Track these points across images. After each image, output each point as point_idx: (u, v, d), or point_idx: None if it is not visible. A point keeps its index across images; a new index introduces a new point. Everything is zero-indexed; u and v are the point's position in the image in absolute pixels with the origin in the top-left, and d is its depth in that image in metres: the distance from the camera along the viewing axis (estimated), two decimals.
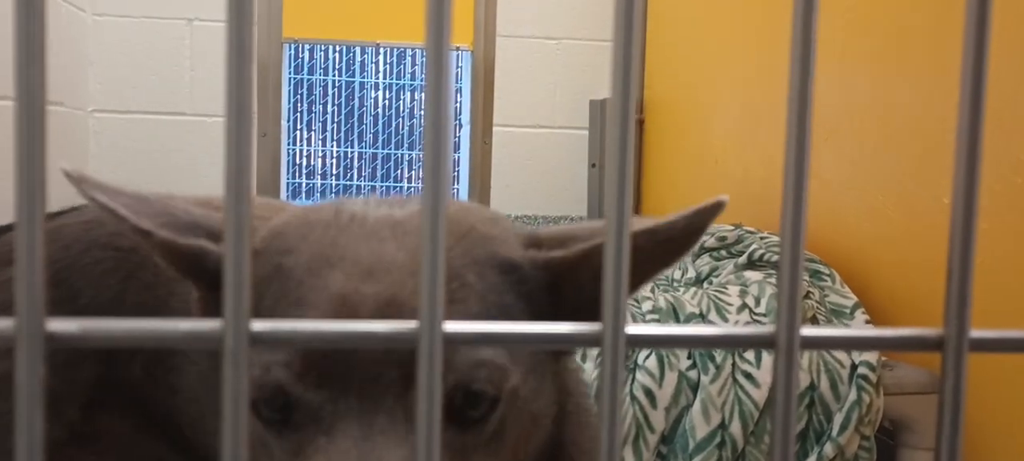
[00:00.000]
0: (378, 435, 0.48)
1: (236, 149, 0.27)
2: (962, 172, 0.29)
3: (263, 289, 0.53)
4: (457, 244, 0.55)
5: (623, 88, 0.28)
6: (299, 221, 0.56)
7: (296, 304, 0.51)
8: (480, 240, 0.56)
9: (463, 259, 0.54)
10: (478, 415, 0.52)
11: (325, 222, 0.55)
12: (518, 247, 0.57)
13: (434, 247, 0.28)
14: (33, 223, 0.26)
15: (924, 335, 0.31)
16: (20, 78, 0.25)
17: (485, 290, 0.54)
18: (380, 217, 0.56)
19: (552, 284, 0.56)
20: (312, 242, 0.54)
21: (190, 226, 0.56)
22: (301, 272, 0.52)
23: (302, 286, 0.52)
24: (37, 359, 0.27)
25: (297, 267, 0.52)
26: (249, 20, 0.26)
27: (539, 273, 0.56)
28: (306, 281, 0.52)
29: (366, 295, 0.51)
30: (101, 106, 2.85)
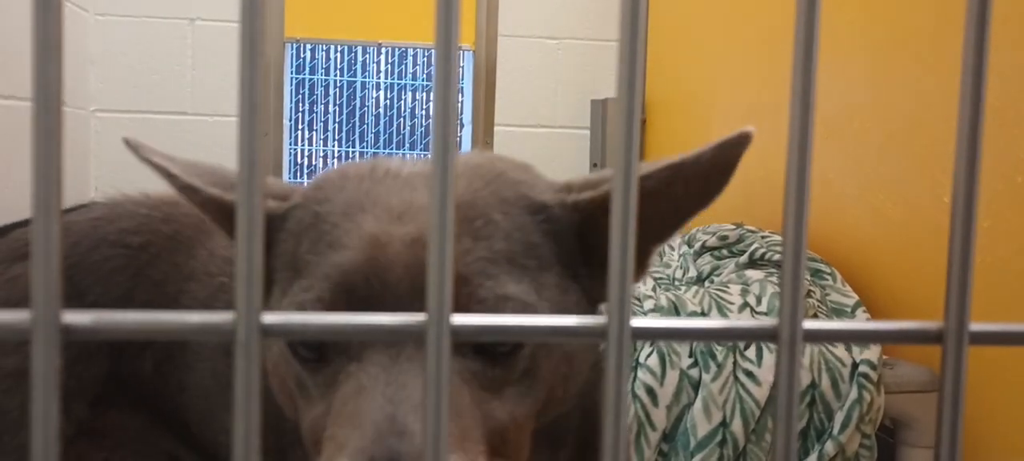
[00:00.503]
0: (405, 361, 0.50)
1: (248, 144, 0.27)
2: (962, 169, 0.29)
3: (301, 235, 0.55)
4: (485, 186, 0.56)
5: (629, 89, 0.28)
6: (337, 174, 0.59)
7: (331, 245, 0.53)
8: (509, 183, 0.57)
9: (490, 199, 0.55)
10: (505, 349, 0.53)
11: (360, 175, 0.57)
12: (547, 191, 0.58)
13: (442, 242, 0.28)
14: (49, 215, 0.26)
15: (924, 328, 0.31)
16: (38, 74, 0.26)
17: (511, 228, 0.54)
18: (413, 171, 0.58)
19: (582, 227, 0.57)
20: (347, 191, 0.56)
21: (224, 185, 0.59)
22: (336, 217, 0.54)
23: (337, 229, 0.54)
24: (53, 351, 0.27)
25: (333, 213, 0.55)
26: (261, 17, 0.27)
27: (569, 215, 0.57)
28: (341, 224, 0.54)
29: (395, 235, 0.53)
30: (103, 106, 2.85)
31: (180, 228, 0.82)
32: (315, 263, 0.53)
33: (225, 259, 0.79)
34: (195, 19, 2.86)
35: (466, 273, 0.52)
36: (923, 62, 1.62)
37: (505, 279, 0.53)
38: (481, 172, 0.57)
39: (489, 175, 0.57)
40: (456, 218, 0.52)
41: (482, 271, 0.52)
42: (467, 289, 0.52)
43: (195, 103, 2.88)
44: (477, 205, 0.55)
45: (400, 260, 0.52)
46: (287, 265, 0.56)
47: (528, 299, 0.53)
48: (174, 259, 0.81)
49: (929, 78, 1.61)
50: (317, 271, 0.53)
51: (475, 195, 0.55)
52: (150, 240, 0.82)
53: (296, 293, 0.53)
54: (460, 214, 0.54)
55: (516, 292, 0.52)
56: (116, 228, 0.82)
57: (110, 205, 0.86)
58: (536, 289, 0.54)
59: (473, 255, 0.53)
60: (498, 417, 0.52)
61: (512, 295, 0.52)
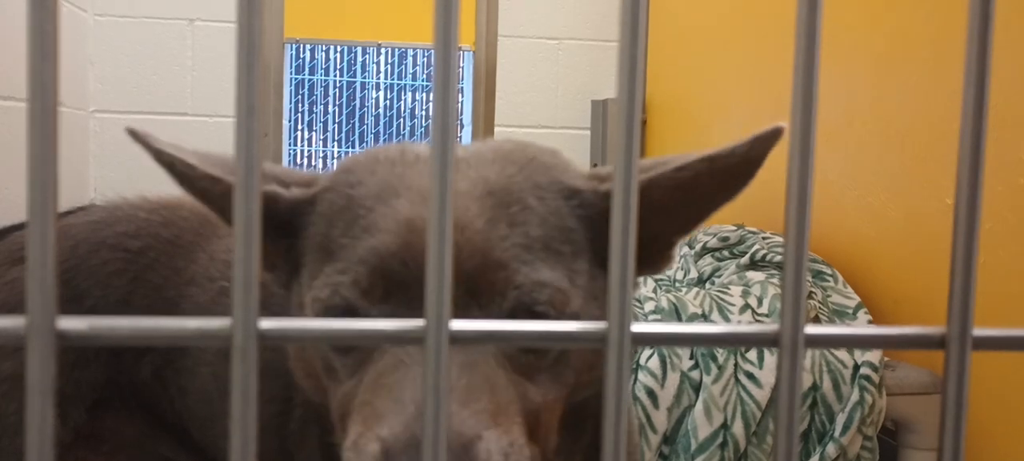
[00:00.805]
0: None
1: (246, 146, 0.27)
2: (965, 172, 0.29)
3: (334, 218, 0.55)
4: (518, 172, 0.56)
5: (629, 90, 0.28)
6: (367, 158, 0.59)
7: (365, 229, 0.53)
8: (541, 168, 0.57)
9: (524, 184, 0.55)
10: None
11: (391, 159, 0.58)
12: (579, 177, 0.58)
13: (441, 243, 0.28)
14: (45, 219, 0.26)
15: (927, 333, 0.31)
16: (33, 75, 0.26)
17: (546, 213, 0.55)
18: None
19: (608, 216, 0.57)
20: (380, 176, 0.56)
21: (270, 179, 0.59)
22: (370, 200, 0.55)
23: (372, 212, 0.54)
24: (49, 357, 0.27)
25: (367, 197, 0.55)
26: (259, 18, 0.26)
27: (602, 201, 0.57)
28: (375, 208, 0.54)
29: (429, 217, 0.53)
30: (102, 106, 2.85)
31: (180, 232, 0.82)
32: (349, 246, 0.53)
33: (226, 263, 0.78)
34: (194, 20, 2.86)
35: (503, 258, 0.52)
36: (925, 64, 1.62)
37: (540, 265, 0.53)
38: (513, 157, 0.57)
39: (521, 160, 0.57)
40: (492, 204, 0.54)
41: (518, 257, 0.52)
42: (504, 274, 0.52)
43: (195, 104, 2.88)
44: (512, 191, 0.55)
45: None
46: (318, 247, 0.56)
47: (562, 285, 0.53)
48: (174, 263, 0.80)
49: (931, 80, 1.60)
50: (351, 254, 0.53)
51: (510, 181, 0.55)
52: (149, 244, 0.81)
53: (330, 275, 0.53)
54: (496, 200, 0.54)
55: (551, 278, 0.52)
56: (115, 231, 0.81)
57: (109, 208, 0.85)
58: (569, 276, 0.54)
59: (510, 240, 0.53)
60: (532, 399, 0.53)
61: (547, 281, 0.52)
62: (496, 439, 0.47)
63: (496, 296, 0.52)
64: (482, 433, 0.47)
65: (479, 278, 0.51)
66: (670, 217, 0.58)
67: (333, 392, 0.56)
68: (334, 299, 0.52)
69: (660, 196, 0.56)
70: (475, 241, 0.52)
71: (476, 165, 0.57)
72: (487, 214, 0.53)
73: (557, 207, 0.55)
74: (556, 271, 0.53)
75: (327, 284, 0.53)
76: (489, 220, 0.53)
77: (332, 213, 0.56)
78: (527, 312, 0.52)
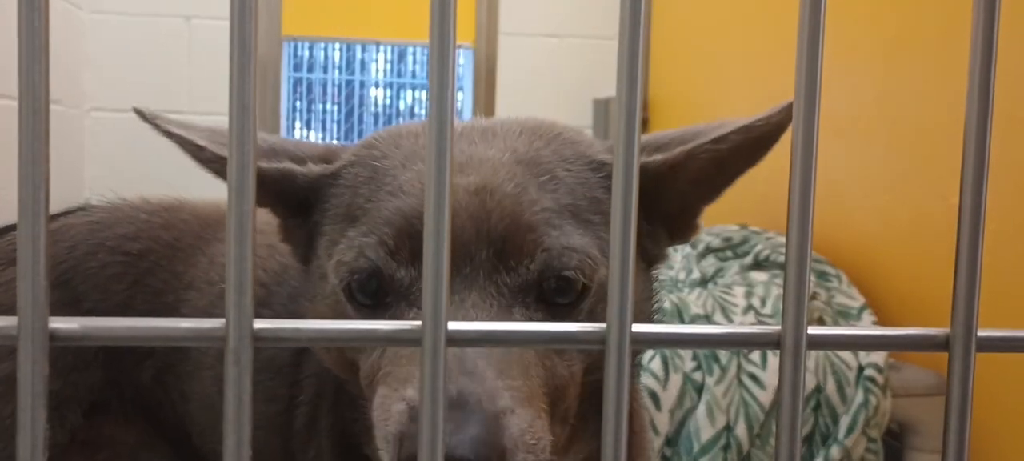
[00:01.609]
0: (470, 309, 0.51)
1: (239, 145, 0.27)
2: (970, 171, 0.29)
3: (359, 187, 0.56)
4: (546, 146, 0.57)
5: (629, 88, 0.27)
6: (389, 134, 0.59)
7: (392, 193, 0.54)
8: (568, 141, 0.58)
9: (552, 157, 0.56)
10: (567, 301, 0.53)
11: (415, 133, 0.58)
12: (605, 151, 0.59)
13: (439, 241, 0.27)
14: (36, 218, 0.26)
15: (931, 335, 0.31)
16: (24, 75, 0.25)
17: (575, 183, 0.55)
18: (468, 126, 0.59)
19: (645, 187, 0.58)
20: (404, 148, 0.57)
21: (270, 152, 0.59)
22: (395, 169, 0.55)
23: (396, 179, 0.55)
24: (40, 358, 0.26)
25: (392, 167, 0.56)
26: (252, 16, 0.26)
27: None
28: (400, 175, 0.55)
29: (458, 184, 0.53)
30: (98, 105, 2.84)
31: (180, 235, 0.80)
32: (373, 210, 0.54)
33: (225, 266, 0.77)
34: (191, 17, 2.86)
35: (533, 221, 0.52)
36: (930, 63, 1.62)
37: (571, 230, 0.53)
38: (540, 132, 0.58)
39: (549, 134, 0.58)
40: (522, 171, 0.54)
41: (548, 221, 0.53)
42: (533, 236, 0.52)
43: (192, 102, 2.88)
44: (540, 162, 0.55)
45: (464, 208, 0.52)
46: (340, 217, 0.56)
47: (591, 252, 0.53)
48: (173, 267, 0.79)
49: (936, 78, 1.60)
50: (376, 217, 0.53)
51: (538, 153, 0.56)
52: (149, 247, 0.80)
53: (354, 238, 0.53)
54: (525, 168, 0.54)
55: (580, 244, 0.53)
56: (115, 233, 0.80)
57: (109, 209, 0.84)
58: (598, 245, 0.54)
59: (539, 205, 0.53)
60: (560, 373, 0.53)
61: (576, 246, 0.53)
62: (524, 420, 0.47)
63: (525, 258, 0.52)
64: (516, 408, 0.47)
65: (509, 241, 0.52)
66: (698, 186, 0.59)
67: (362, 362, 0.56)
68: (359, 261, 0.53)
69: (695, 168, 0.57)
70: (505, 204, 0.53)
71: (503, 136, 0.57)
72: (517, 179, 0.54)
73: (585, 178, 0.56)
74: (586, 238, 0.53)
75: (351, 247, 0.53)
76: (518, 184, 0.53)
77: (357, 184, 0.56)
78: (556, 277, 0.52)
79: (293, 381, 0.73)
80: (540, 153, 0.56)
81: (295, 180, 0.58)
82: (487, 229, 0.52)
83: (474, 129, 0.59)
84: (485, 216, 0.52)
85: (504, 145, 0.56)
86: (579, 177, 0.56)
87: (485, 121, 0.60)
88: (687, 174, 0.56)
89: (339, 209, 0.57)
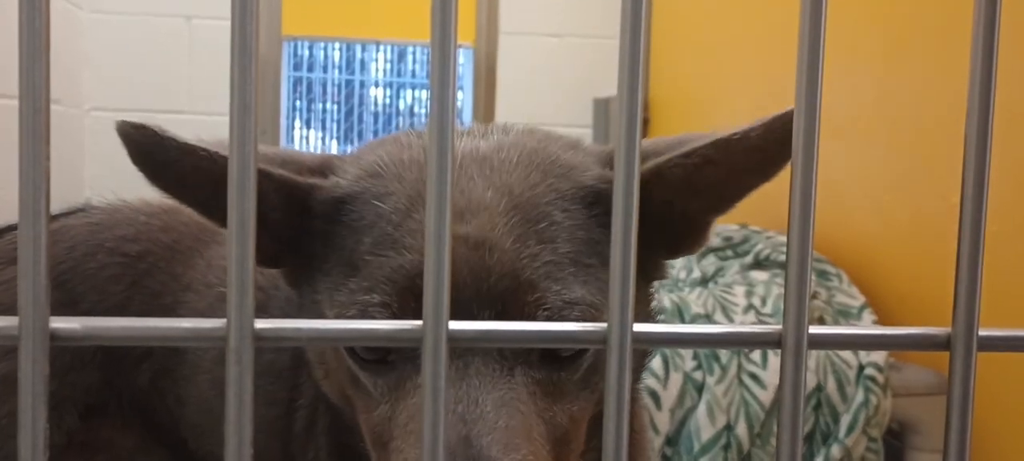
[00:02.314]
0: (474, 377, 0.50)
1: (241, 145, 0.27)
2: (971, 171, 0.29)
3: (362, 233, 0.54)
4: (542, 180, 0.55)
5: (630, 88, 0.27)
6: (393, 159, 0.57)
7: (393, 246, 0.53)
8: (563, 170, 0.56)
9: (548, 195, 0.55)
10: (571, 353, 0.53)
11: (419, 162, 0.56)
12: (599, 169, 0.57)
13: (440, 247, 0.27)
14: (37, 218, 0.26)
15: (932, 334, 0.31)
16: (24, 74, 0.25)
17: (573, 227, 0.54)
18: (467, 153, 0.57)
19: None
20: (407, 183, 0.55)
21: (275, 161, 0.58)
22: (398, 215, 0.54)
23: (399, 229, 0.53)
24: (41, 357, 0.26)
25: (395, 212, 0.54)
26: (253, 16, 0.26)
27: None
28: (403, 223, 0.53)
29: (458, 235, 0.52)
30: (98, 104, 2.84)
31: (179, 237, 0.80)
32: (375, 263, 0.53)
33: (223, 269, 0.77)
34: (192, 17, 2.86)
35: (534, 278, 0.52)
36: (931, 62, 1.62)
37: (571, 281, 0.52)
38: (537, 159, 0.56)
39: (544, 162, 0.56)
40: (520, 220, 0.53)
41: (549, 275, 0.52)
42: (535, 295, 0.51)
43: (192, 101, 2.88)
44: (538, 204, 0.54)
45: (465, 263, 0.51)
46: (342, 260, 0.55)
47: (593, 300, 0.53)
48: (172, 269, 0.79)
49: (937, 78, 1.60)
50: (378, 273, 0.52)
51: (534, 192, 0.55)
52: (148, 249, 0.80)
53: (356, 293, 0.52)
54: (523, 215, 0.53)
55: (582, 295, 0.52)
56: (114, 235, 0.80)
57: (109, 210, 0.84)
58: (600, 288, 0.53)
59: (540, 260, 0.52)
60: (560, 422, 0.52)
61: (578, 299, 0.52)
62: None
63: (526, 318, 0.51)
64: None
65: (509, 300, 0.51)
66: (699, 197, 0.58)
67: (364, 411, 0.55)
68: (363, 319, 0.51)
69: (676, 180, 0.55)
70: (505, 261, 0.52)
71: (500, 169, 0.56)
72: (516, 231, 0.53)
73: (582, 218, 0.55)
74: (587, 286, 0.53)
75: (354, 303, 0.52)
76: (518, 237, 0.52)
77: (360, 226, 0.55)
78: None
79: (292, 385, 0.73)
80: (536, 191, 0.55)
81: (296, 191, 0.56)
82: (487, 287, 0.51)
83: (471, 158, 0.57)
84: (486, 273, 0.51)
85: (502, 183, 0.55)
86: (576, 218, 0.55)
87: (482, 143, 0.58)
88: (670, 186, 0.55)
89: (341, 252, 0.55)
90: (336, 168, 0.58)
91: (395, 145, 0.59)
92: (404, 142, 0.59)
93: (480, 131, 0.61)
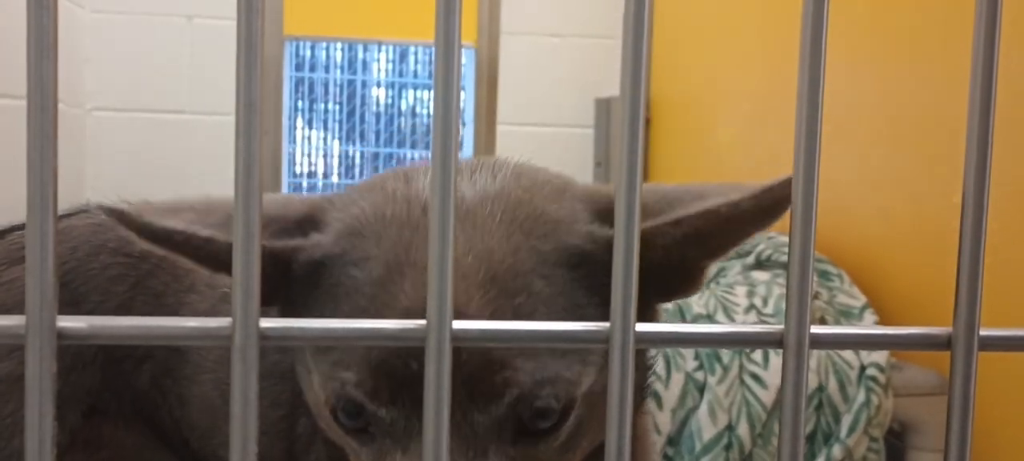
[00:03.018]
0: (459, 458, 0.49)
1: (246, 145, 0.27)
2: (972, 171, 0.29)
3: (339, 301, 0.53)
4: (524, 241, 0.53)
5: (633, 87, 0.28)
6: (375, 216, 0.55)
7: (368, 317, 0.51)
8: (547, 228, 0.54)
9: (529, 258, 0.52)
10: (549, 424, 0.51)
11: (400, 220, 0.54)
12: (586, 223, 0.55)
13: (443, 247, 0.27)
14: (45, 218, 0.26)
15: (933, 334, 0.31)
16: (32, 73, 0.25)
17: (553, 295, 0.52)
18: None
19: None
20: (385, 246, 0.53)
21: (264, 220, 0.56)
22: (374, 285, 0.52)
23: (375, 300, 0.52)
24: (48, 355, 0.27)
25: (370, 283, 0.52)
26: (258, 14, 0.26)
27: (609, 253, 0.54)
28: (379, 295, 0.52)
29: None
30: (99, 104, 2.85)
31: None
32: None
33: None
34: (193, 16, 2.86)
35: (505, 357, 0.49)
36: (932, 61, 1.62)
37: (547, 358, 0.50)
38: (518, 217, 0.54)
39: (529, 220, 0.54)
40: (496, 293, 0.50)
41: (522, 352, 0.50)
42: (505, 375, 0.49)
43: (193, 101, 2.88)
44: (518, 273, 0.51)
45: None
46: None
47: (569, 375, 0.51)
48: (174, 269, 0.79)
49: (938, 77, 1.60)
50: (354, 349, 0.51)
51: (516, 258, 0.52)
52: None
53: (336, 368, 0.51)
54: (500, 288, 0.51)
55: (557, 371, 0.50)
56: (117, 235, 0.80)
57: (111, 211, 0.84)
58: (581, 357, 0.51)
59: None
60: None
61: (552, 377, 0.50)
62: None
63: (495, 398, 0.49)
64: None
65: (478, 380, 0.49)
66: (694, 246, 0.55)
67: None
68: (342, 395, 0.51)
69: (665, 243, 0.53)
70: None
71: (482, 229, 0.53)
72: (491, 306, 0.50)
73: (565, 284, 0.52)
74: (566, 358, 0.51)
75: (332, 377, 0.51)
76: (493, 313, 0.50)
77: (337, 295, 0.53)
78: (529, 409, 0.50)
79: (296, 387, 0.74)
80: (517, 257, 0.52)
81: (291, 258, 0.54)
82: (458, 366, 0.48)
83: (457, 207, 0.53)
84: (456, 352, 0.49)
85: (482, 248, 0.52)
86: (557, 284, 0.52)
87: (469, 191, 0.55)
88: (670, 238, 0.52)
89: (322, 314, 0.53)
90: (321, 221, 0.56)
91: (381, 195, 0.56)
92: (390, 191, 0.56)
93: (470, 169, 0.58)
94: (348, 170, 4.84)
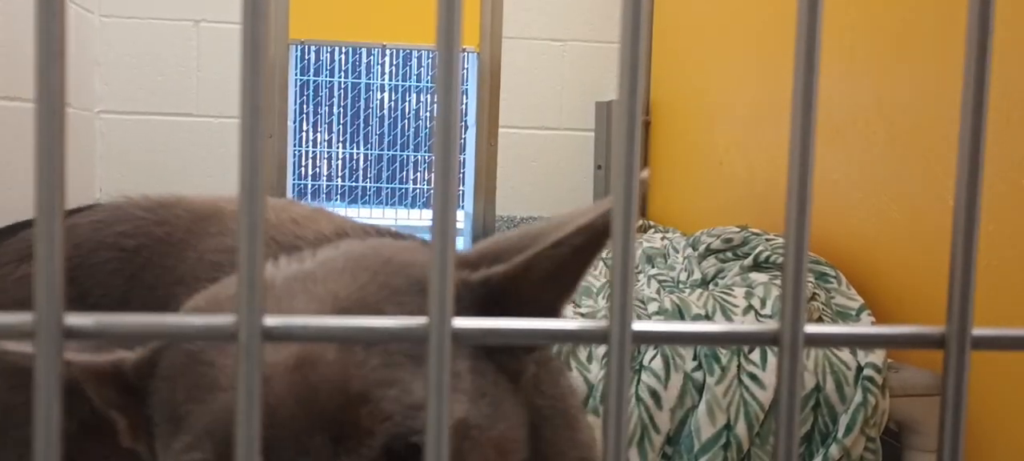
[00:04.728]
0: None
1: (250, 147, 0.27)
2: (965, 171, 0.29)
3: (177, 380, 0.50)
4: (371, 279, 0.51)
5: (630, 90, 0.28)
6: (204, 297, 0.54)
7: (209, 389, 0.48)
8: (397, 269, 0.52)
9: (379, 292, 0.50)
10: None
11: (225, 290, 0.53)
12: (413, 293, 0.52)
13: (445, 247, 0.28)
14: (52, 217, 0.26)
15: (926, 332, 0.31)
16: (41, 77, 0.26)
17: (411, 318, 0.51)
18: (289, 276, 0.52)
19: (490, 300, 0.51)
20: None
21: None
22: (210, 352, 0.49)
23: (213, 367, 0.48)
24: (56, 353, 0.27)
25: (206, 349, 0.49)
26: (264, 18, 0.27)
27: (475, 291, 0.51)
28: (216, 361, 0.49)
29: (277, 363, 0.47)
30: (108, 107, 2.86)
31: (172, 230, 0.82)
32: (195, 413, 0.47)
33: (213, 264, 0.77)
34: (200, 21, 2.87)
35: (362, 389, 0.45)
36: (927, 63, 1.62)
37: (409, 379, 0.46)
38: (364, 263, 0.51)
39: (375, 264, 0.51)
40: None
41: (382, 380, 0.45)
42: (369, 408, 0.45)
43: (200, 104, 2.89)
44: (367, 302, 0.49)
45: (288, 391, 0.45)
46: (166, 417, 0.50)
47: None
48: (164, 262, 0.80)
49: (933, 79, 1.60)
50: (198, 424, 0.47)
51: (363, 292, 0.49)
52: (144, 243, 0.81)
53: (180, 453, 0.47)
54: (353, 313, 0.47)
55: (422, 394, 0.46)
56: (114, 231, 0.82)
57: (112, 207, 0.86)
58: (450, 381, 0.50)
59: (367, 365, 0.46)
60: None
61: (419, 400, 0.45)
62: None
63: (366, 438, 0.45)
64: None
65: (344, 418, 0.45)
66: (549, 289, 0.53)
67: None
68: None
69: (540, 273, 0.52)
70: (330, 376, 0.45)
71: (324, 279, 0.50)
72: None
73: (421, 310, 0.48)
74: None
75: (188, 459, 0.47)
76: (343, 345, 0.46)
77: (174, 374, 0.49)
78: (405, 445, 0.45)
79: None
80: (365, 291, 0.49)
81: (112, 375, 0.52)
82: (318, 409, 0.45)
83: (294, 279, 0.51)
84: (311, 394, 0.45)
85: (325, 293, 0.49)
86: (412, 309, 0.49)
87: (309, 262, 0.53)
88: (537, 277, 0.51)
89: (164, 408, 0.50)
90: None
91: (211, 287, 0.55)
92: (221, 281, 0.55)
93: (308, 256, 0.55)
94: (351, 173, 4.85)
